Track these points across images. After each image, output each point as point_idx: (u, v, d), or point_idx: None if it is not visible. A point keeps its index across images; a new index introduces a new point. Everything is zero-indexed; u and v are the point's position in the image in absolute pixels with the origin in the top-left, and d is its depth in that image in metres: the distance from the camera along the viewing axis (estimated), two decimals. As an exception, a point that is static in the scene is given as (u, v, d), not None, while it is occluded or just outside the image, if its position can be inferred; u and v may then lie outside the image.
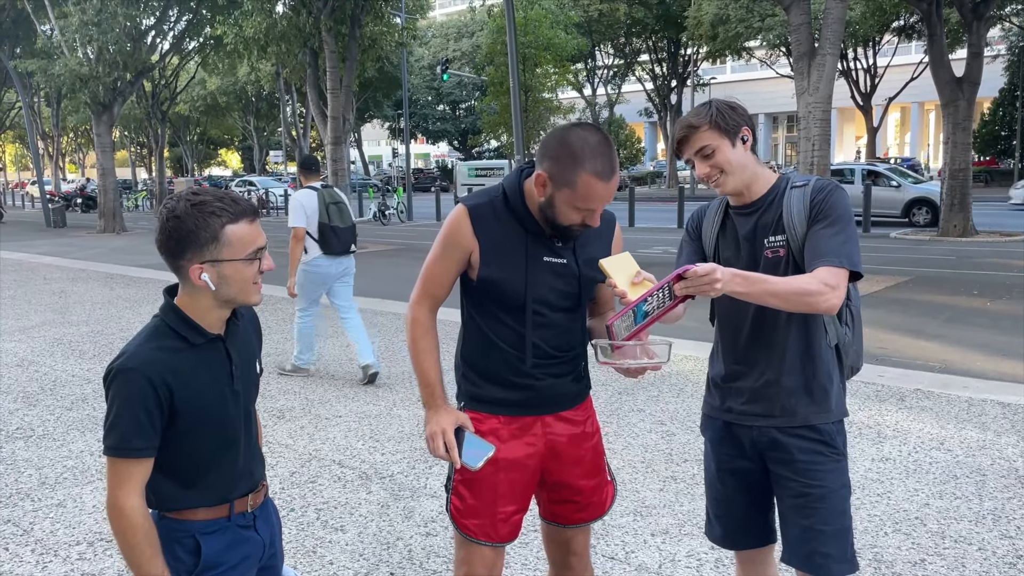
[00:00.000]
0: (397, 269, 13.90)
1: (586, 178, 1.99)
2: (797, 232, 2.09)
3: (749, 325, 2.19)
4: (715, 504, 2.37)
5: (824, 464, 2.13)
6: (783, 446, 2.16)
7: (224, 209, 1.71)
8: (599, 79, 43.55)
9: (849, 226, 2.05)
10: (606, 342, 1.99)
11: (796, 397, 2.15)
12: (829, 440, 2.14)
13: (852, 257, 2.02)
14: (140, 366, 1.69)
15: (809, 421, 2.14)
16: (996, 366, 6.48)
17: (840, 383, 2.21)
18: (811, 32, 11.95)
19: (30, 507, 4.01)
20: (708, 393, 2.37)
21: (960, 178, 16.53)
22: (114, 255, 16.77)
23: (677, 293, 1.91)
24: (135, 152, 59.26)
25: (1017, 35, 33.75)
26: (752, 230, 2.17)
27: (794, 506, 2.15)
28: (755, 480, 2.27)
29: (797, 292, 1.96)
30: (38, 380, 6.47)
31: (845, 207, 2.07)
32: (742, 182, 2.14)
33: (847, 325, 2.19)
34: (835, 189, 2.09)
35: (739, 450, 2.25)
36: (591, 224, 2.08)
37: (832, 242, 2.02)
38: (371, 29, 17.83)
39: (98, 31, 21.23)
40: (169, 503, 1.80)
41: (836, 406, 2.17)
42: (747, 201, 2.18)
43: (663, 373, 6.19)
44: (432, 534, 3.63)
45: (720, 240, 2.24)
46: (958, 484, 4.07)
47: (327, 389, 6.07)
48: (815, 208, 2.07)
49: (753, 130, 2.14)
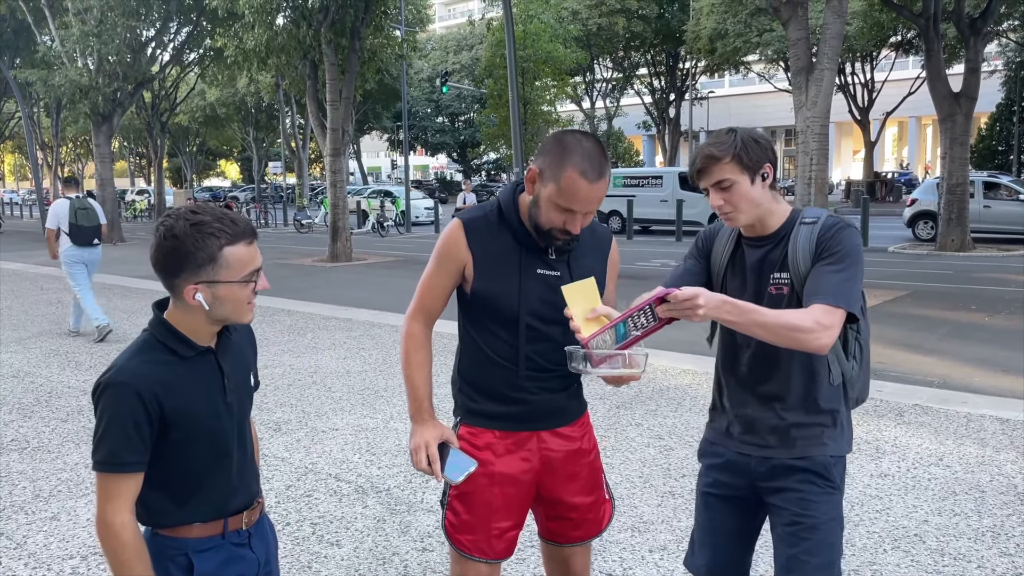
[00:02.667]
0: (395, 281, 13.89)
1: (571, 174, 1.99)
2: (800, 270, 2.05)
3: (750, 356, 2.16)
4: (700, 531, 2.32)
5: (816, 495, 2.10)
6: (779, 475, 2.14)
7: (223, 230, 1.68)
8: (598, 92, 43.66)
9: (853, 266, 2.01)
10: (581, 351, 1.96)
11: (796, 431, 2.12)
12: (823, 472, 2.11)
13: (849, 298, 1.98)
14: (129, 380, 1.67)
15: (807, 453, 2.12)
16: (995, 381, 6.46)
17: (844, 419, 2.17)
18: (809, 47, 11.99)
19: (24, 520, 3.98)
20: (710, 418, 2.35)
21: (958, 192, 16.58)
22: (112, 265, 16.74)
23: (659, 315, 1.88)
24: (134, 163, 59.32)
25: (1014, 51, 33.88)
26: (759, 263, 2.14)
27: (783, 535, 2.13)
28: (745, 511, 2.24)
29: (787, 327, 1.92)
30: (34, 391, 6.44)
31: (853, 246, 2.02)
32: (755, 218, 2.11)
33: (855, 359, 2.15)
34: (844, 227, 2.05)
35: (736, 478, 2.22)
36: (571, 230, 2.07)
37: (831, 280, 1.98)
38: (371, 41, 17.85)
39: (98, 42, 21.29)
40: (162, 519, 1.78)
41: (836, 441, 2.14)
42: (759, 234, 2.15)
43: (661, 388, 6.17)
44: (428, 549, 3.61)
45: (729, 268, 2.21)
46: (957, 501, 4.05)
47: (324, 402, 6.05)
48: (821, 246, 2.03)
49: (775, 165, 2.10)
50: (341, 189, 17.64)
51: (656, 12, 36.60)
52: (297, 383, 6.60)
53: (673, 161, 41.37)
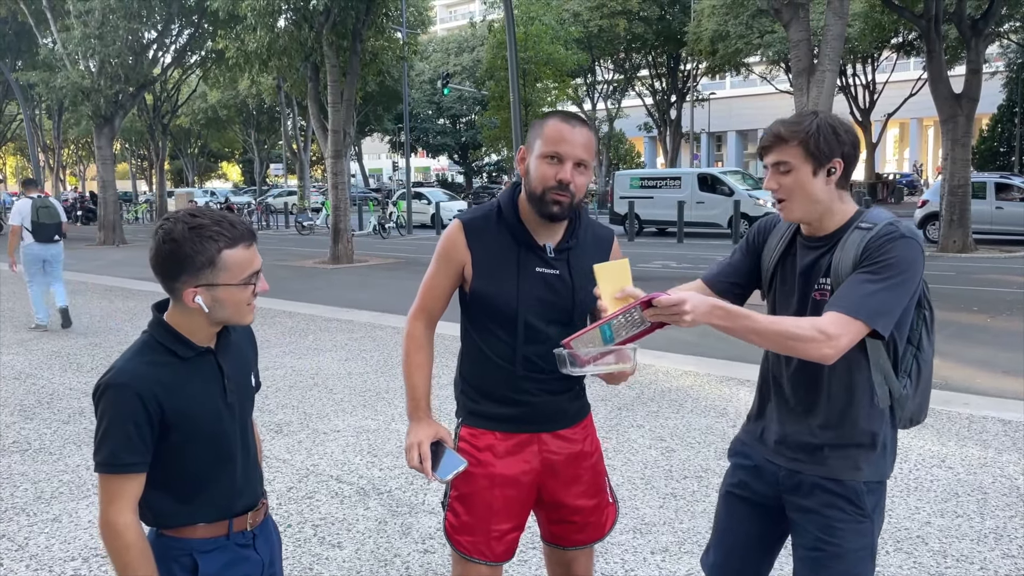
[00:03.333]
0: (396, 282, 13.89)
1: (551, 123, 2.09)
2: (841, 277, 1.91)
3: (792, 366, 2.04)
4: (716, 531, 2.26)
5: (844, 522, 1.97)
6: (805, 492, 2.02)
7: (222, 233, 1.69)
8: (599, 94, 43.68)
9: (894, 278, 1.83)
10: (565, 352, 1.91)
11: (829, 451, 1.99)
12: (854, 499, 1.97)
13: (874, 309, 1.81)
14: (129, 381, 1.68)
15: (838, 475, 1.98)
16: (997, 383, 6.46)
17: (886, 443, 2.00)
18: (810, 48, 11.99)
19: (25, 522, 3.98)
20: (747, 419, 2.25)
21: (959, 194, 16.57)
22: (113, 267, 16.76)
23: (648, 319, 1.84)
24: (136, 164, 59.36)
25: (1015, 52, 33.88)
26: (810, 266, 2.00)
27: (804, 558, 2.03)
28: (765, 519, 2.15)
29: (783, 334, 1.83)
30: (35, 393, 6.44)
31: (903, 258, 1.84)
32: (810, 214, 1.97)
33: (909, 377, 1.97)
34: (899, 237, 1.86)
35: (762, 485, 2.12)
36: (563, 179, 2.04)
37: (861, 290, 1.83)
38: (372, 44, 17.87)
39: (100, 44, 21.32)
40: (167, 520, 1.78)
41: (873, 466, 1.99)
42: (816, 234, 2.00)
43: (662, 389, 6.16)
44: (430, 551, 3.60)
45: (779, 269, 2.09)
46: (959, 502, 4.05)
47: (325, 404, 6.05)
48: (867, 253, 1.87)
49: (849, 162, 1.92)
50: (343, 191, 17.65)
51: (657, 14, 36.61)
52: (298, 385, 6.60)
53: (674, 163, 41.37)
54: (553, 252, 2.15)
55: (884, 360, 1.95)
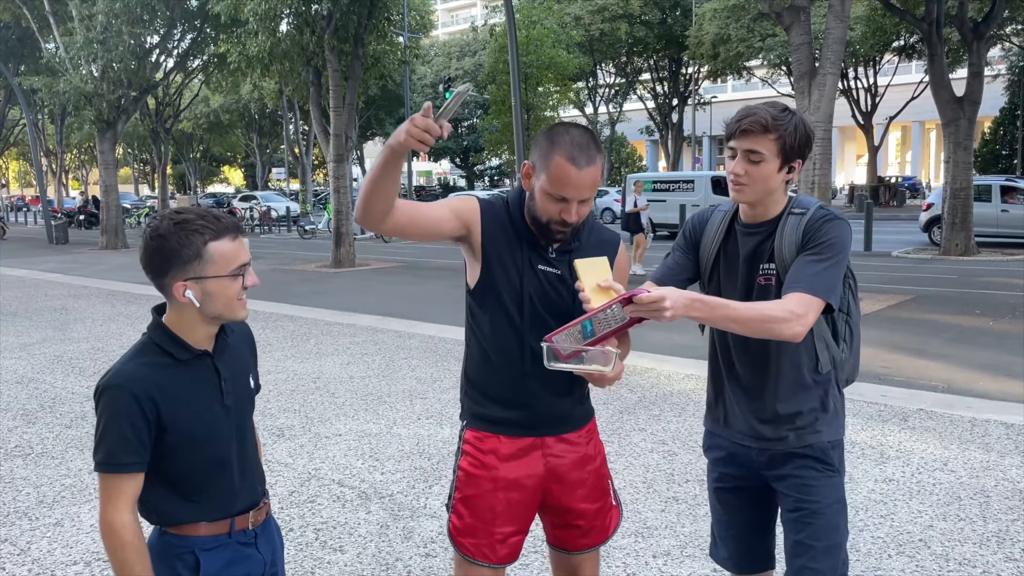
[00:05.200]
0: (399, 287, 13.89)
1: (559, 161, 2.01)
2: (787, 261, 2.06)
3: (738, 349, 2.18)
4: (719, 525, 2.37)
5: (817, 480, 2.13)
6: (778, 463, 2.17)
7: (206, 227, 1.73)
8: (601, 98, 43.74)
9: (835, 257, 2.01)
10: (546, 346, 1.94)
11: (788, 421, 2.14)
12: (822, 456, 2.14)
13: (827, 286, 1.98)
14: (125, 382, 1.71)
15: (804, 442, 2.14)
16: (1000, 386, 6.44)
17: (838, 404, 2.19)
18: (812, 52, 12.00)
19: (27, 526, 3.99)
20: (708, 409, 2.36)
21: (961, 197, 16.56)
22: (116, 272, 16.79)
23: (628, 315, 1.87)
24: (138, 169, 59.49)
25: (1017, 55, 33.90)
26: (752, 252, 2.14)
27: (788, 520, 2.17)
28: (756, 500, 2.27)
29: (760, 319, 1.92)
30: (38, 397, 6.45)
31: (839, 238, 2.02)
32: (761, 200, 2.11)
33: (845, 342, 2.16)
34: (832, 219, 2.05)
35: (740, 469, 2.25)
36: (567, 219, 2.06)
37: (810, 269, 1.99)
38: (374, 48, 17.89)
39: (103, 49, 21.36)
40: (169, 518, 1.81)
41: (829, 427, 2.16)
42: (757, 220, 2.14)
43: (664, 393, 6.16)
44: (432, 555, 3.60)
45: (721, 256, 2.20)
46: (962, 506, 4.04)
47: (327, 407, 6.05)
48: (807, 236, 2.04)
49: (803, 163, 2.11)
50: (345, 195, 17.67)
51: (659, 17, 36.70)
52: (300, 389, 6.60)
53: (676, 166, 41.37)
54: (555, 252, 2.16)
55: (824, 330, 2.12)
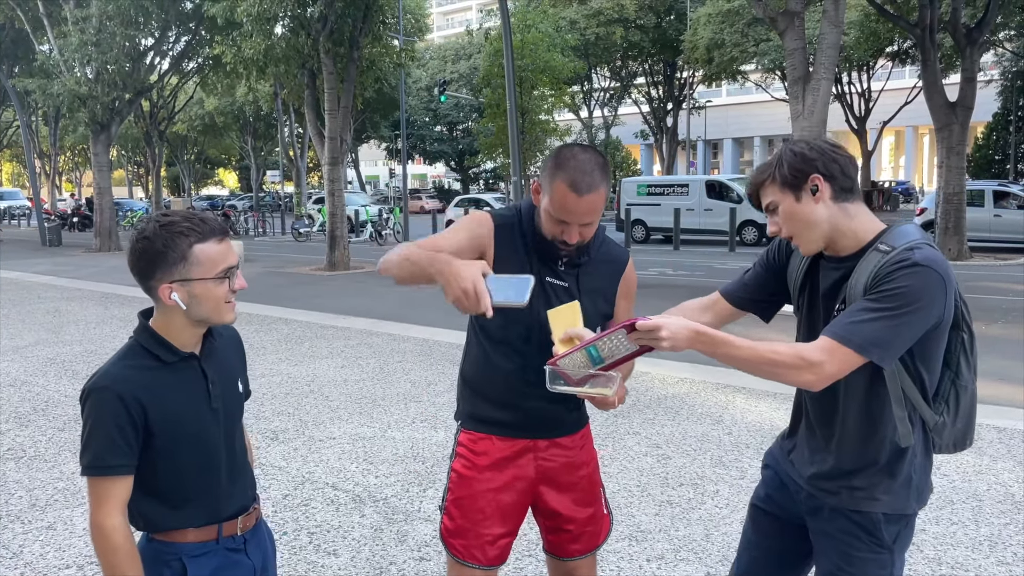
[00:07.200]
0: (393, 290, 13.87)
1: (559, 186, 2.02)
2: (851, 302, 1.83)
3: (814, 393, 1.93)
4: (744, 539, 2.24)
5: (861, 551, 1.91)
6: (825, 518, 1.97)
7: (192, 229, 1.73)
8: (595, 101, 43.80)
9: (896, 309, 1.72)
10: (550, 369, 1.91)
11: (844, 480, 1.93)
12: (871, 528, 1.90)
13: (867, 338, 1.72)
14: (111, 384, 1.71)
15: (855, 506, 1.92)
16: (992, 390, 6.46)
17: (911, 475, 1.90)
18: (806, 57, 12.05)
19: (20, 530, 3.97)
20: (787, 431, 2.19)
21: (954, 202, 16.64)
22: (110, 274, 16.74)
23: (633, 343, 1.82)
24: (132, 171, 59.35)
25: (1010, 60, 34.05)
26: (831, 288, 1.92)
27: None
28: (788, 534, 2.11)
29: (763, 361, 1.77)
30: (30, 400, 6.43)
31: (910, 289, 1.72)
32: (819, 238, 1.88)
33: (945, 403, 1.88)
34: (910, 266, 1.73)
35: (786, 501, 2.10)
36: (568, 240, 2.08)
37: (854, 317, 1.75)
38: (369, 51, 17.89)
39: (97, 51, 21.30)
40: (156, 524, 1.81)
41: (892, 497, 1.90)
42: (839, 254, 1.90)
43: (658, 396, 6.16)
44: (426, 559, 3.60)
45: (807, 287, 2.01)
46: (954, 510, 4.05)
47: (321, 411, 6.05)
48: (876, 280, 1.77)
49: (830, 175, 1.84)
50: (339, 198, 17.66)
51: (653, 22, 36.78)
52: (294, 392, 6.59)
53: (671, 170, 41.45)
54: (564, 266, 2.17)
55: (912, 390, 1.85)
